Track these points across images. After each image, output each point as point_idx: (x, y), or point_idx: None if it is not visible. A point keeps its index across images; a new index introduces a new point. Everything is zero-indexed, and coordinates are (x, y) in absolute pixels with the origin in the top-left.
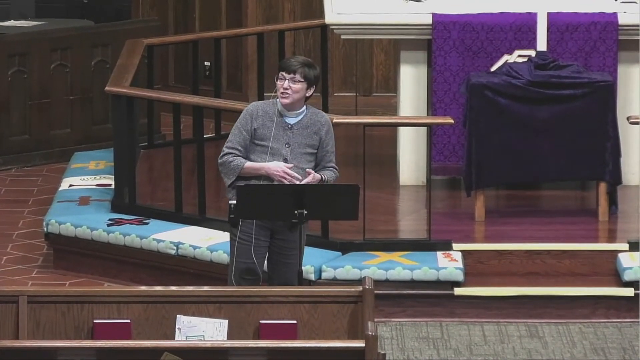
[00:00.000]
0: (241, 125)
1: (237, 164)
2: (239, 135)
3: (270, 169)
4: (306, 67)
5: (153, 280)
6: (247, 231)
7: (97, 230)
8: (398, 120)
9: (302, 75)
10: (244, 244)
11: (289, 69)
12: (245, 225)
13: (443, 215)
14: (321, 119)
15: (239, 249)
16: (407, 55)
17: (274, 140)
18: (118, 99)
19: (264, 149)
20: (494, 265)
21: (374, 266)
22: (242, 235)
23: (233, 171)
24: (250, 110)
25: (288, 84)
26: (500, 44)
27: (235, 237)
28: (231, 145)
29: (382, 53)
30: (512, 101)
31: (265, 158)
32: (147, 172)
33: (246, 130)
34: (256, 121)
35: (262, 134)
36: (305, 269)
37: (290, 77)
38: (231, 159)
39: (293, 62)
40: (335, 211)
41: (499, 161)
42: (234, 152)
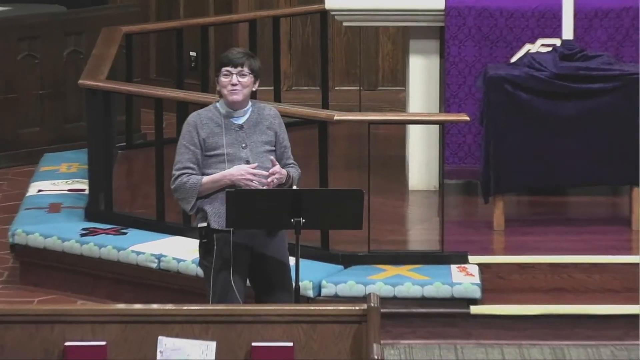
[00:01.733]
0: (187, 141)
1: (194, 182)
2: (186, 153)
3: (233, 175)
4: (251, 59)
5: (132, 297)
6: (225, 257)
7: (69, 241)
8: (407, 118)
9: (249, 67)
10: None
11: (234, 62)
12: (222, 250)
13: (457, 224)
14: (269, 112)
15: (217, 279)
16: (417, 44)
17: (229, 146)
18: (93, 94)
19: (219, 158)
20: (515, 280)
21: (380, 281)
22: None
23: (191, 192)
24: (192, 121)
25: (237, 79)
26: (521, 32)
27: (209, 265)
28: (181, 166)
29: (389, 42)
30: (534, 96)
31: (225, 167)
32: (126, 176)
33: (194, 145)
34: (202, 131)
35: (213, 143)
36: (303, 284)
37: (237, 71)
38: (185, 179)
39: (236, 54)
40: (336, 219)
41: (520, 163)
42: (186, 171)
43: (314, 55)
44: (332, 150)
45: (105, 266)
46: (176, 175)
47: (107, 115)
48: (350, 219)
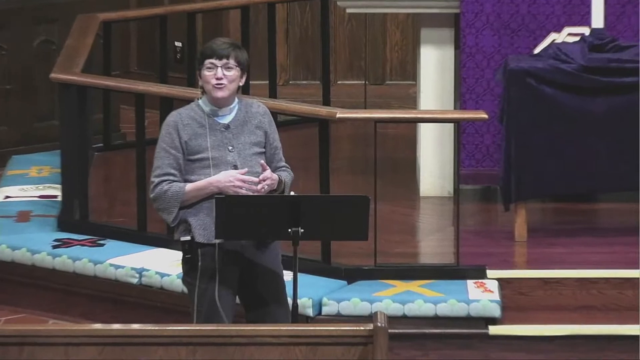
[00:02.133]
0: (166, 144)
1: (176, 190)
2: (166, 158)
3: (220, 182)
4: (237, 50)
5: (110, 316)
6: (211, 273)
7: (40, 253)
8: (418, 116)
9: (236, 59)
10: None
11: (219, 54)
12: (208, 266)
13: (474, 235)
14: (258, 109)
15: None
16: (429, 33)
17: (214, 149)
18: (66, 89)
19: (203, 163)
20: (538, 297)
21: (387, 298)
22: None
23: (173, 201)
24: (171, 121)
25: (222, 73)
26: (545, 19)
27: (194, 282)
28: (161, 172)
29: (398, 31)
30: (560, 91)
31: (210, 173)
32: (103, 181)
33: (175, 148)
34: (184, 132)
35: (196, 146)
36: (302, 302)
37: (222, 63)
38: (166, 187)
39: (221, 45)
40: (339, 229)
41: (544, 167)
42: (167, 178)
43: (314, 45)
44: (334, 151)
45: (80, 282)
46: (155, 183)
47: (82, 113)
48: (355, 229)
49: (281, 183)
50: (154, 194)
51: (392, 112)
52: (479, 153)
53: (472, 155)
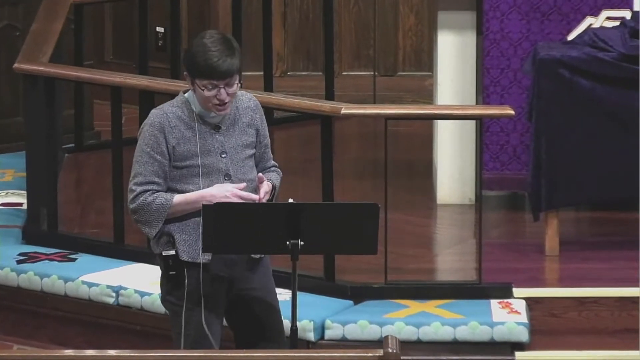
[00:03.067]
0: (151, 149)
1: (162, 202)
2: (150, 163)
3: (215, 197)
4: (237, 56)
5: (83, 341)
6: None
7: (2, 269)
8: (434, 112)
9: (237, 70)
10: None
11: (222, 74)
12: (195, 285)
13: (499, 248)
14: (249, 103)
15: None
16: (448, 17)
17: (204, 155)
18: (32, 81)
19: (192, 170)
20: (572, 318)
21: (400, 321)
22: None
23: (157, 215)
24: (157, 123)
25: (225, 94)
26: (581, 1)
27: (180, 304)
28: (143, 180)
29: (412, 15)
30: (597, 83)
31: (199, 182)
32: (75, 186)
33: (160, 154)
34: (172, 136)
35: (184, 152)
36: (302, 325)
37: (225, 82)
38: (150, 199)
39: (223, 63)
40: (344, 242)
41: (579, 170)
42: (151, 187)
43: (316, 31)
44: (338, 152)
45: (49, 301)
46: (137, 192)
47: (50, 109)
48: (362, 242)
49: (274, 190)
50: (136, 205)
51: (405, 107)
52: (505, 154)
53: (496, 157)
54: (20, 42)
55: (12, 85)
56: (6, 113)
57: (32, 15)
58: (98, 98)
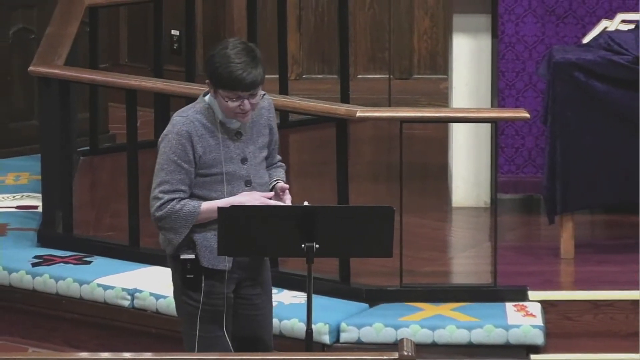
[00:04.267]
0: (178, 157)
1: (190, 210)
2: (178, 172)
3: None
4: (260, 66)
5: (98, 343)
6: (215, 293)
7: (17, 272)
8: (449, 114)
9: (261, 81)
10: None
11: (246, 87)
12: (211, 285)
13: (514, 251)
14: (263, 103)
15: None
16: (463, 20)
17: (227, 162)
18: (47, 84)
19: (215, 178)
20: (587, 322)
21: (415, 323)
22: (208, 300)
23: (185, 222)
24: (184, 131)
25: (249, 104)
26: (596, 4)
27: (196, 304)
28: (170, 188)
29: (427, 18)
30: (613, 86)
31: (223, 189)
32: (90, 189)
33: (188, 162)
34: (199, 145)
35: (210, 160)
36: (317, 328)
37: (249, 94)
38: (178, 206)
39: (248, 75)
40: (359, 245)
41: (594, 173)
42: (178, 195)
43: (331, 34)
44: (353, 155)
45: (63, 304)
46: (164, 200)
47: (65, 112)
48: (377, 245)
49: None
50: (163, 212)
51: (420, 110)
52: (520, 157)
53: (511, 160)
54: (35, 45)
55: (27, 88)
56: (21, 116)
57: (46, 19)
58: (113, 101)
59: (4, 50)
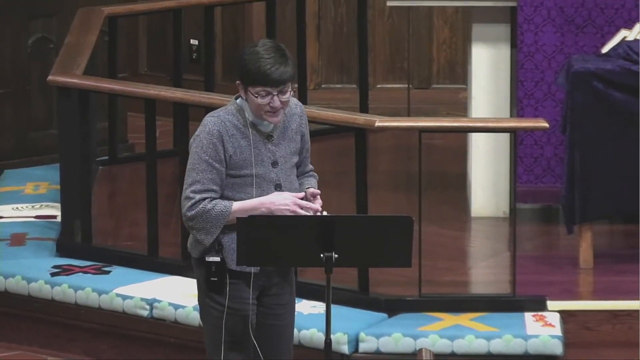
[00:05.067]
0: (210, 157)
1: (221, 209)
2: (209, 171)
3: (274, 204)
4: (290, 64)
5: (117, 354)
6: (241, 297)
7: (36, 282)
8: (468, 124)
9: (291, 78)
10: (238, 314)
11: (275, 82)
12: (237, 289)
13: (533, 261)
14: (296, 109)
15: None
16: (482, 30)
17: (258, 165)
18: (66, 94)
19: (245, 180)
20: (606, 331)
21: (434, 333)
22: (233, 304)
23: (216, 222)
24: (216, 131)
25: (279, 101)
26: (615, 13)
27: (221, 308)
28: (202, 188)
29: (446, 27)
30: (632, 96)
31: (252, 192)
32: (108, 199)
33: (219, 162)
34: (230, 145)
35: (240, 161)
36: (336, 338)
37: (279, 90)
38: (210, 206)
39: (277, 70)
40: (378, 254)
41: (613, 183)
42: (209, 195)
43: (350, 44)
44: (372, 165)
45: (82, 314)
46: (196, 200)
47: (84, 121)
48: (396, 254)
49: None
50: (194, 212)
51: (439, 120)
52: (539, 167)
53: (530, 170)
54: (54, 54)
55: (46, 97)
56: (40, 125)
57: (66, 28)
58: (132, 110)
59: (23, 60)
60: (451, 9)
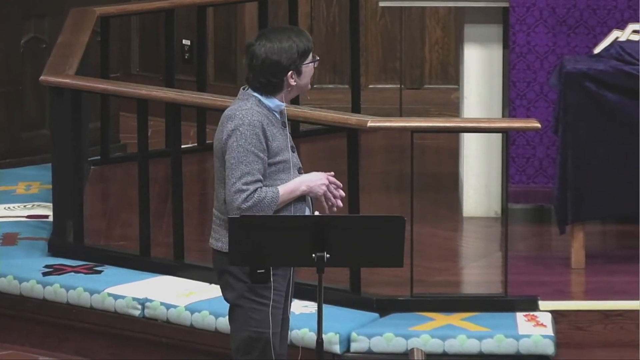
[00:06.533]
0: (254, 147)
1: (272, 196)
2: (256, 162)
3: (312, 181)
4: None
5: (109, 353)
6: (280, 290)
7: (28, 281)
8: (461, 125)
9: None
10: (277, 307)
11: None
12: (279, 281)
13: (525, 261)
14: None
15: (276, 318)
16: (474, 31)
17: (285, 150)
18: (59, 94)
19: (279, 166)
20: (598, 332)
21: (426, 333)
22: (276, 297)
23: (270, 208)
24: (255, 122)
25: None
26: (607, 14)
27: (267, 301)
28: (253, 179)
29: (439, 28)
30: (624, 97)
31: (285, 179)
32: (100, 199)
33: (262, 151)
34: (268, 133)
35: (275, 147)
36: (327, 337)
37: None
38: (262, 195)
39: (307, 34)
40: (370, 255)
41: (605, 183)
42: (259, 185)
43: (342, 44)
44: (364, 165)
45: (74, 314)
46: (250, 191)
47: (76, 121)
48: (388, 254)
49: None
50: (250, 203)
51: (432, 120)
52: (531, 167)
53: (522, 170)
54: (47, 54)
55: (39, 97)
56: (32, 125)
57: (58, 28)
58: (124, 110)
59: (15, 60)
60: (444, 10)
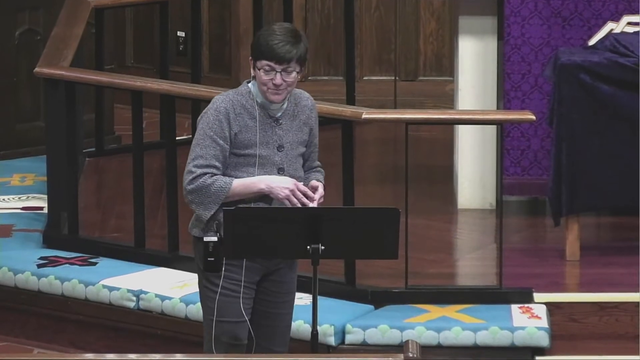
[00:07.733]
0: (214, 133)
1: (221, 185)
2: (212, 147)
3: (273, 182)
4: (299, 47)
5: (103, 345)
6: (234, 278)
7: (23, 273)
8: (455, 116)
9: (297, 61)
10: (230, 295)
11: (280, 58)
12: (232, 270)
13: (520, 253)
14: (307, 101)
15: (223, 305)
16: (469, 22)
17: (262, 146)
18: (53, 86)
19: (248, 160)
20: (592, 324)
21: (420, 325)
22: (227, 284)
23: (216, 197)
24: (223, 108)
25: (281, 79)
26: (602, 6)
27: (215, 288)
28: (204, 163)
29: (433, 20)
30: (619, 89)
31: (254, 172)
32: (95, 190)
33: (223, 138)
34: (235, 123)
35: (244, 140)
36: (322, 329)
37: (282, 68)
38: (210, 181)
39: (283, 46)
40: (365, 246)
41: (600, 175)
42: (210, 170)
43: (337, 36)
44: (359, 157)
45: (69, 305)
46: (197, 174)
47: (71, 113)
48: (383, 246)
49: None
50: (194, 186)
51: (426, 112)
52: (525, 160)
53: (517, 162)
54: (41, 46)
55: (33, 89)
56: (27, 117)
57: (53, 20)
58: (119, 102)
59: (10, 52)
60: (438, 2)
